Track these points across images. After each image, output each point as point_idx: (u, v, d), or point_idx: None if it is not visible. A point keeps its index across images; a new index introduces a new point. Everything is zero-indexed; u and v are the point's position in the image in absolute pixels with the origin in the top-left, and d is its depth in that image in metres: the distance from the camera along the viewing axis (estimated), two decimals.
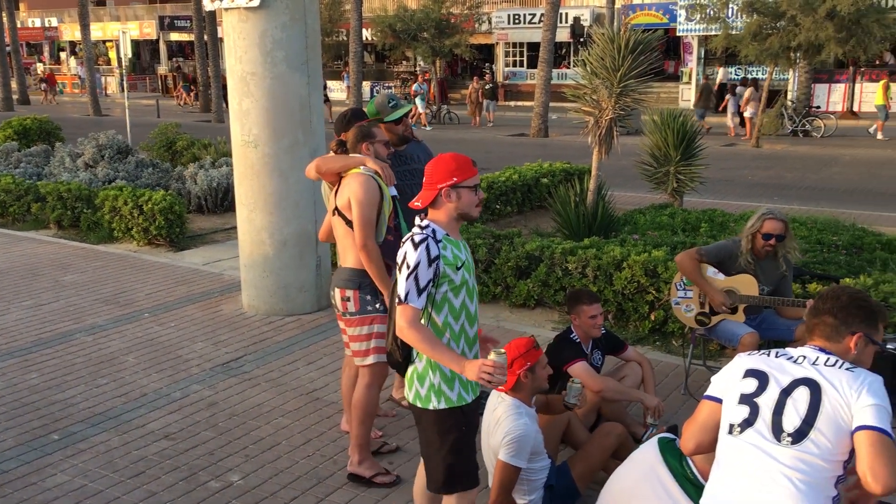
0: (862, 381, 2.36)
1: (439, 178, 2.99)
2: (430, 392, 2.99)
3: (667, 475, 3.00)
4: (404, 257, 2.92)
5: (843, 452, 2.34)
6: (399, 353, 3.05)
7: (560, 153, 16.16)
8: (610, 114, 7.73)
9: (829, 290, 2.62)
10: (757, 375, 2.48)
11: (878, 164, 16.14)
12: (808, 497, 2.30)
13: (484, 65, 37.15)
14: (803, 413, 2.35)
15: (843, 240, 7.58)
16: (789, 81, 26.14)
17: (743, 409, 2.45)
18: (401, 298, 2.88)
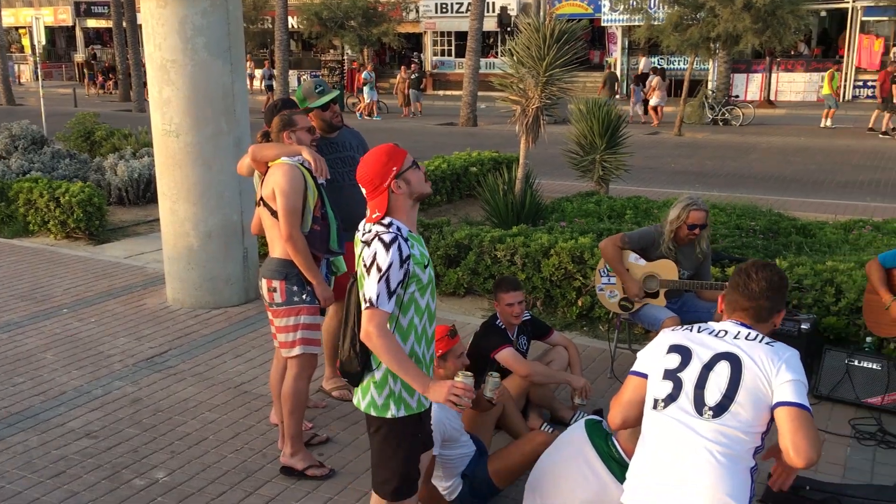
0: (781, 356, 2.43)
1: (380, 177, 2.83)
2: (390, 400, 2.88)
3: (593, 455, 3.07)
4: (374, 259, 2.74)
5: (762, 424, 2.42)
6: (358, 362, 2.89)
7: (489, 142, 16.25)
8: (536, 103, 7.80)
9: (759, 272, 2.56)
10: (680, 351, 2.53)
11: (793, 152, 16.73)
12: (728, 469, 2.37)
13: (412, 54, 37.05)
14: (724, 387, 2.41)
15: (761, 225, 7.84)
16: (709, 71, 26.82)
17: (666, 385, 2.50)
18: (372, 302, 2.72)
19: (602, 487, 3.00)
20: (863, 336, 5.18)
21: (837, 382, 4.92)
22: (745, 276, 2.58)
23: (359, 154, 4.93)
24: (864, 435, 4.53)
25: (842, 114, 24.60)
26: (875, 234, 7.57)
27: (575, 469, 3.07)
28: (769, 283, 2.56)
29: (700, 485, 2.36)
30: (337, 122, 4.80)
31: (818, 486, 3.83)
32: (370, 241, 2.80)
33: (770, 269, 2.59)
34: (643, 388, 2.60)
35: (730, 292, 2.62)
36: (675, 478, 2.40)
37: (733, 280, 2.62)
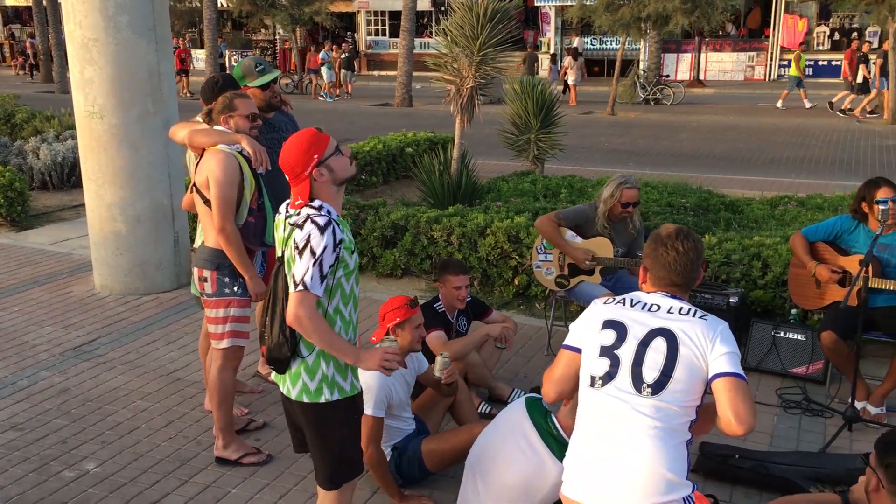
0: (714, 330, 2.46)
1: (301, 165, 2.78)
2: (323, 384, 2.84)
3: (532, 431, 3.09)
4: (307, 241, 2.69)
5: (697, 398, 2.46)
6: (288, 346, 2.84)
7: (424, 122, 16.19)
8: (471, 82, 7.79)
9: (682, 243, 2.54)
10: (615, 327, 2.52)
11: (722, 130, 17.12)
12: (666, 444, 2.40)
13: (346, 34, 36.60)
14: (661, 364, 2.43)
15: (691, 202, 8.01)
16: (641, 52, 27.21)
17: (603, 362, 2.49)
18: (305, 285, 2.68)
19: (539, 463, 3.03)
20: (788, 308, 5.35)
21: (765, 354, 5.07)
22: (665, 248, 2.55)
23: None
24: (790, 404, 4.69)
25: (768, 92, 25.30)
26: (799, 210, 7.81)
27: (513, 445, 3.09)
28: (696, 252, 2.56)
29: (640, 461, 2.39)
30: (276, 102, 4.73)
31: (747, 454, 3.95)
32: (302, 223, 2.75)
33: (690, 239, 2.56)
34: (577, 363, 2.60)
35: (654, 267, 2.59)
36: (614, 455, 2.42)
37: (655, 253, 2.57)
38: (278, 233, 2.89)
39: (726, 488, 3.81)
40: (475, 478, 3.27)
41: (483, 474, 3.23)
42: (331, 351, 2.77)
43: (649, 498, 2.37)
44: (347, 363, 2.83)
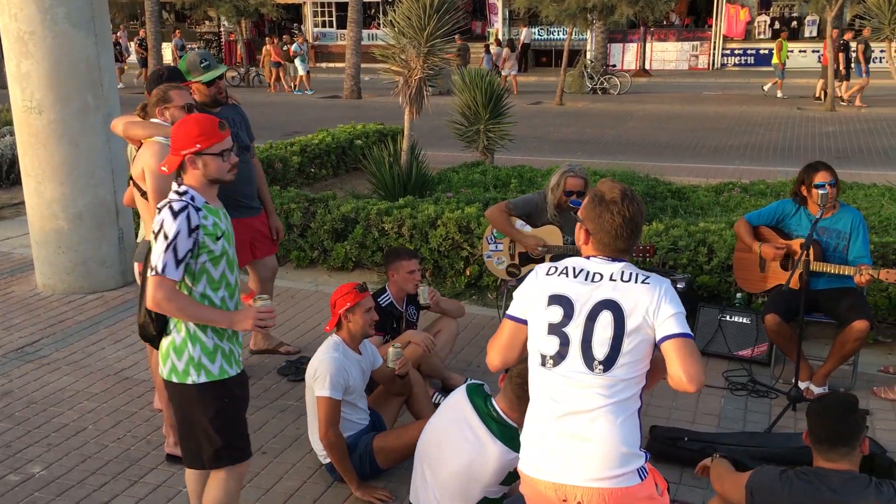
0: (658, 292, 2.44)
1: (182, 143, 2.85)
2: (189, 366, 2.87)
3: (473, 416, 3.10)
4: (161, 226, 2.78)
5: (647, 364, 2.48)
6: (154, 326, 2.91)
7: (374, 114, 16.11)
8: (419, 73, 7.77)
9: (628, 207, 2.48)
10: (561, 302, 2.49)
11: (668, 119, 17.38)
12: (621, 417, 2.42)
13: (292, 25, 36.17)
14: (610, 338, 2.42)
15: (639, 190, 8.11)
16: (587, 42, 27.44)
17: (553, 341, 2.47)
18: (157, 270, 2.75)
19: (481, 447, 3.04)
20: (733, 293, 5.46)
21: (711, 337, 5.18)
22: (612, 213, 2.49)
23: (242, 130, 4.81)
24: (736, 386, 4.79)
25: (712, 81, 25.76)
26: (743, 196, 7.98)
27: (456, 431, 3.09)
28: (641, 216, 2.53)
29: (596, 438, 2.41)
30: (221, 98, 4.68)
31: (695, 436, 4.03)
32: (161, 206, 2.84)
33: (634, 202, 2.52)
34: (522, 333, 2.58)
35: (599, 232, 2.51)
36: (570, 433, 2.43)
37: (600, 218, 2.50)
38: None
39: (676, 470, 3.88)
40: (423, 467, 3.27)
41: (429, 463, 3.23)
42: (203, 322, 2.84)
43: (606, 472, 2.39)
44: (216, 346, 2.87)
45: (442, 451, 3.16)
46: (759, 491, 2.70)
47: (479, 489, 3.08)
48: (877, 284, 4.98)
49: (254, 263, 5.05)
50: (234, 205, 4.76)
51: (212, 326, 2.87)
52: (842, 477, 2.61)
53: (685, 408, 4.53)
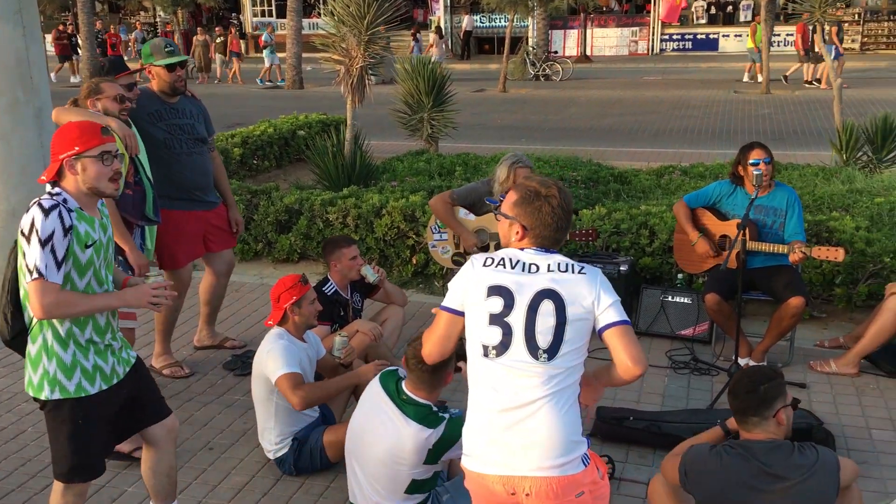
0: (595, 283, 2.49)
1: (60, 147, 2.76)
2: (44, 381, 2.77)
3: (387, 400, 3.12)
4: (32, 225, 2.65)
5: (586, 352, 2.53)
6: (8, 330, 2.79)
7: (316, 104, 15.93)
8: (360, 62, 7.71)
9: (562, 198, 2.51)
10: (501, 293, 2.49)
11: (609, 104, 17.58)
12: (564, 406, 2.45)
13: (231, 15, 35.54)
14: (552, 327, 2.44)
15: (582, 175, 8.20)
16: (529, 29, 27.56)
17: (495, 331, 2.47)
18: (40, 273, 2.61)
19: (397, 429, 3.04)
20: (675, 274, 5.58)
21: (654, 318, 5.28)
22: (550, 205, 2.52)
23: (199, 123, 4.74)
24: (679, 364, 4.90)
25: (651, 66, 26.12)
26: (683, 178, 8.12)
27: (375, 419, 3.09)
28: (571, 204, 2.58)
29: (542, 427, 2.43)
30: (180, 86, 4.62)
31: (640, 415, 4.11)
32: (29, 206, 2.73)
33: (564, 191, 2.56)
34: (458, 324, 2.58)
35: (538, 226, 2.53)
36: (516, 424, 2.44)
37: (538, 212, 2.52)
38: None
39: (622, 449, 3.96)
40: (353, 462, 3.26)
41: (357, 456, 3.22)
42: (96, 309, 2.75)
43: (553, 460, 2.42)
44: (75, 361, 2.78)
45: (365, 442, 3.15)
46: (692, 469, 2.78)
47: (405, 472, 3.08)
48: (811, 262, 5.13)
49: (209, 257, 4.99)
50: (188, 198, 4.71)
51: (74, 339, 2.76)
52: (765, 446, 2.71)
53: (630, 388, 4.60)
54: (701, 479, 2.75)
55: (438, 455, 3.04)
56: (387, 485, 3.11)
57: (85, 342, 2.79)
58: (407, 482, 3.11)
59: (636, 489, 3.64)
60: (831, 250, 4.36)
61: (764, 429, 2.76)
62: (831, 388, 4.58)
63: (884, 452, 3.93)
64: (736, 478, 2.67)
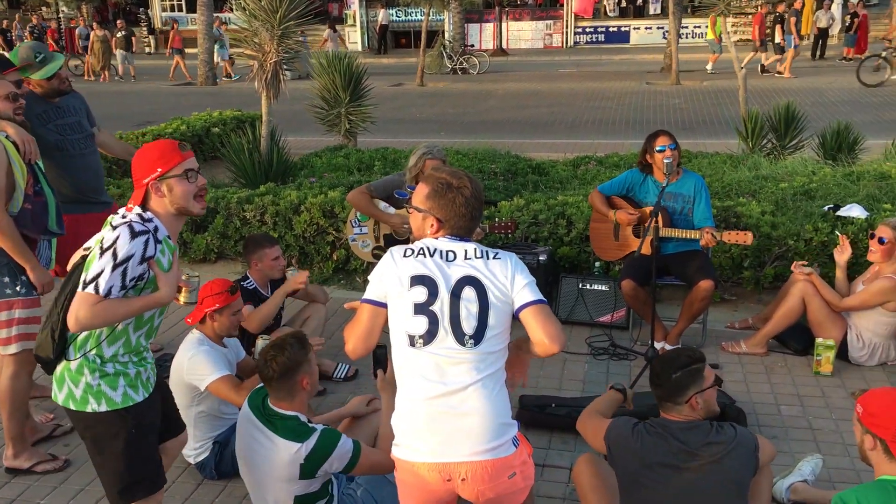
0: (509, 266, 2.55)
1: (142, 171, 2.66)
2: (88, 394, 2.67)
3: (255, 420, 3.03)
4: (113, 244, 2.55)
5: (509, 335, 2.57)
6: (54, 349, 2.66)
7: (232, 101, 15.62)
8: (274, 57, 7.59)
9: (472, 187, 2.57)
10: (424, 282, 2.51)
11: (526, 97, 17.79)
12: (493, 390, 2.49)
13: (138, 10, 34.47)
14: (476, 313, 2.48)
15: (500, 167, 8.28)
16: (444, 22, 27.64)
17: (421, 321, 2.48)
18: (97, 287, 2.52)
19: (270, 447, 2.96)
20: (592, 262, 5.69)
21: (573, 306, 5.37)
22: (462, 195, 2.55)
23: (84, 118, 4.57)
24: (598, 351, 5.00)
25: (566, 58, 26.55)
26: (599, 168, 8.29)
27: (251, 442, 3.00)
28: (481, 194, 2.62)
29: (476, 413, 2.45)
30: (65, 87, 4.46)
31: (562, 402, 4.19)
32: (118, 224, 2.61)
33: (472, 179, 2.61)
34: (381, 317, 2.57)
35: (452, 217, 2.56)
36: (448, 411, 2.46)
37: (452, 203, 2.56)
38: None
39: (545, 436, 4.02)
40: (249, 489, 3.17)
41: (248, 483, 3.13)
42: (133, 313, 2.63)
43: (486, 444, 2.45)
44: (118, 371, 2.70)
45: (248, 467, 3.06)
46: (615, 446, 2.85)
47: (284, 490, 2.97)
48: (721, 246, 5.31)
49: None
50: (83, 200, 4.52)
51: (112, 356, 2.68)
52: (683, 426, 2.79)
53: (551, 375, 4.69)
54: (623, 456, 2.81)
55: (313, 468, 2.92)
56: None
57: (124, 353, 2.72)
58: (290, 499, 2.99)
59: (559, 474, 3.71)
60: (740, 234, 4.52)
61: (679, 412, 2.84)
62: (742, 367, 4.75)
63: (792, 427, 4.11)
64: (655, 456, 2.75)
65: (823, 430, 4.08)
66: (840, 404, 4.31)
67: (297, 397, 3.02)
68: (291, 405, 3.02)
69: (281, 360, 2.96)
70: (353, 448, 2.97)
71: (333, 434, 2.98)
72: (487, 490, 2.49)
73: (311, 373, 3.05)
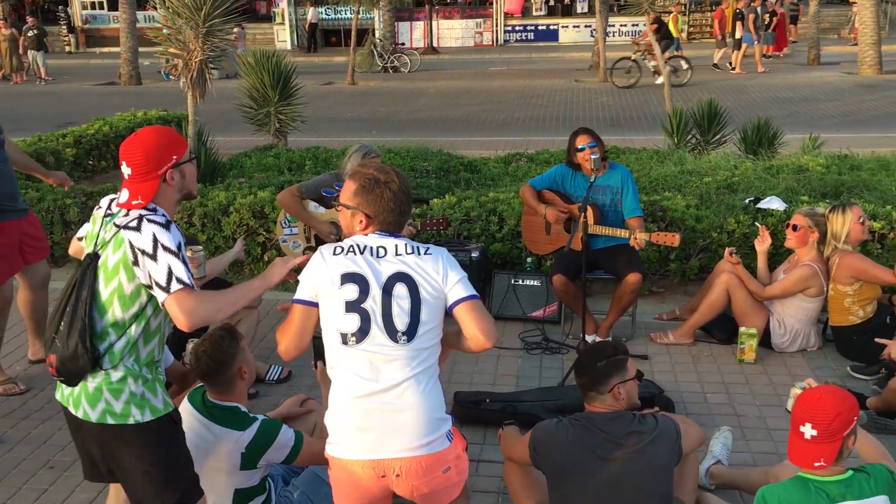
0: (440, 262, 2.56)
1: (158, 161, 2.54)
2: (131, 405, 2.53)
3: (196, 414, 3.00)
4: (155, 240, 2.46)
5: (441, 332, 2.58)
6: (88, 358, 2.48)
7: (157, 101, 15.26)
8: (199, 56, 7.44)
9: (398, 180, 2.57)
10: (355, 280, 2.50)
11: (457, 94, 17.85)
12: (427, 385, 2.50)
13: (57, 7, 33.34)
14: (408, 309, 2.48)
15: (433, 165, 8.29)
16: (374, 20, 27.53)
17: (353, 318, 2.47)
18: (181, 281, 2.44)
19: (209, 439, 2.94)
20: (524, 258, 5.75)
21: (506, 301, 5.42)
22: (390, 190, 2.56)
23: None
24: (531, 345, 5.06)
25: (496, 56, 26.72)
26: (530, 165, 8.37)
27: (195, 437, 2.95)
28: (409, 188, 2.62)
29: (410, 409, 2.45)
30: None
31: (496, 397, 4.22)
32: (136, 224, 2.49)
33: (399, 173, 2.62)
34: (313, 316, 2.56)
35: (382, 212, 2.57)
36: (382, 409, 2.45)
37: (380, 199, 2.56)
38: (94, 227, 2.62)
39: (479, 431, 4.05)
40: None
41: (200, 475, 3.10)
42: (248, 299, 2.63)
43: (421, 439, 2.45)
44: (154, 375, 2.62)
45: (199, 460, 2.96)
46: (541, 443, 2.87)
47: (223, 482, 2.95)
48: (649, 243, 5.42)
49: (23, 271, 4.61)
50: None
51: (148, 360, 2.59)
52: (606, 416, 2.84)
53: (485, 371, 4.72)
54: (550, 451, 2.84)
55: (254, 458, 2.91)
56: (216, 500, 2.97)
57: (158, 357, 2.66)
58: (230, 493, 2.97)
59: (494, 469, 3.73)
60: (668, 236, 4.56)
61: (602, 402, 2.89)
62: (670, 357, 4.87)
63: (718, 414, 4.23)
64: (581, 447, 2.79)
65: (748, 416, 4.20)
66: (763, 391, 4.45)
67: (236, 388, 3.03)
68: (231, 396, 3.02)
69: (214, 353, 2.97)
70: (294, 437, 2.98)
71: (274, 423, 2.98)
72: (422, 485, 2.50)
73: (246, 361, 3.05)
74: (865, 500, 2.46)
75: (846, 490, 2.46)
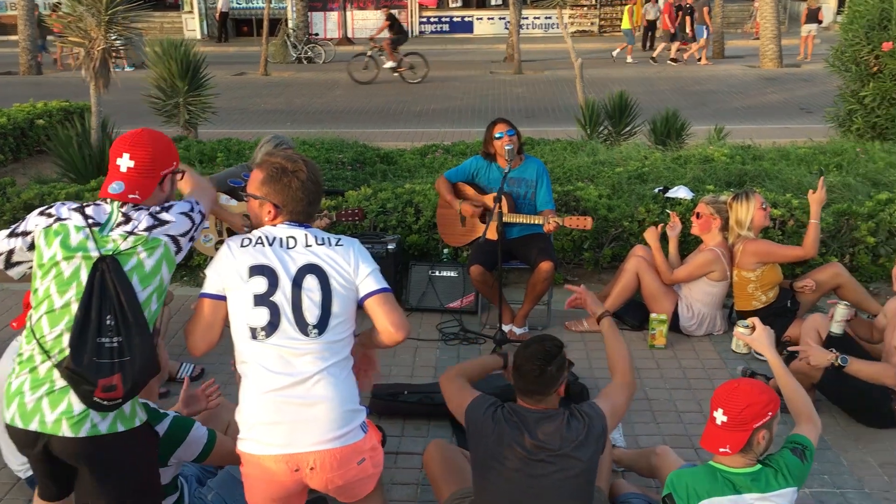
0: (351, 253, 2.55)
1: (161, 163, 2.54)
2: (135, 405, 2.55)
3: None
4: (192, 225, 2.59)
5: (354, 323, 2.56)
6: None
7: (58, 91, 14.61)
8: (102, 44, 7.17)
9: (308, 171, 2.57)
10: (264, 272, 2.46)
11: (373, 86, 17.73)
12: (340, 377, 2.48)
13: None
14: (319, 301, 2.45)
15: (348, 157, 8.21)
16: (287, 10, 27.08)
17: (262, 312, 2.43)
18: None
19: None
20: (441, 249, 5.76)
21: (423, 293, 5.42)
22: (298, 179, 2.54)
23: None
24: (449, 336, 5.07)
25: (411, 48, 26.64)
26: (446, 157, 8.38)
27: None
28: (318, 177, 2.60)
29: (323, 402, 2.42)
30: None
31: (414, 388, 4.21)
32: (163, 218, 2.52)
33: (311, 165, 2.61)
34: (221, 310, 2.52)
35: (290, 202, 2.55)
36: (294, 402, 2.42)
37: (287, 188, 2.54)
38: (74, 236, 2.44)
39: (398, 423, 4.04)
40: None
41: None
42: None
43: (335, 432, 2.43)
44: None
45: None
46: (473, 425, 2.78)
47: None
48: (563, 230, 5.50)
49: None
50: None
51: None
52: (536, 416, 2.71)
53: (403, 363, 4.72)
54: (479, 438, 2.74)
55: (165, 454, 2.86)
56: None
57: None
58: None
59: (413, 461, 3.73)
60: (580, 219, 4.68)
61: (545, 402, 2.75)
62: (585, 345, 4.96)
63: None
64: (507, 444, 2.69)
65: (659, 399, 4.32)
66: (673, 374, 4.59)
67: (147, 384, 2.91)
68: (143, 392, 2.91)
69: None
70: (207, 435, 2.93)
71: (186, 421, 2.92)
72: (337, 478, 2.48)
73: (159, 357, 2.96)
74: (772, 493, 2.54)
75: (752, 483, 2.54)
